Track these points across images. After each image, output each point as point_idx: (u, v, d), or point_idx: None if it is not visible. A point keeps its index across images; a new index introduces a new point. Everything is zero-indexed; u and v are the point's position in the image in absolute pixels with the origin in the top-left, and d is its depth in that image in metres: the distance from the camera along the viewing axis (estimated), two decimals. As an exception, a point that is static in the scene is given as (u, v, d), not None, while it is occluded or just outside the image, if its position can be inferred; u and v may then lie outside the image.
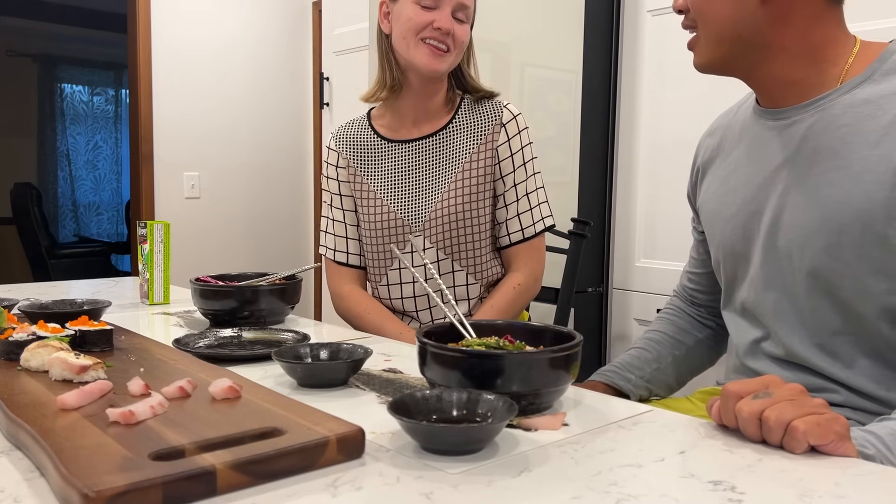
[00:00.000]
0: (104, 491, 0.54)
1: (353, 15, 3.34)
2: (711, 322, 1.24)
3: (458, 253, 1.43)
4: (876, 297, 0.88)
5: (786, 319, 0.97)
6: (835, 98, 0.91)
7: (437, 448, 0.71)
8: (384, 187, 1.46)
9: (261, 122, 3.88)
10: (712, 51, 0.96)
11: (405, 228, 1.44)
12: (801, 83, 0.94)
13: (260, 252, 3.92)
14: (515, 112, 1.44)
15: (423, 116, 1.46)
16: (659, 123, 2.16)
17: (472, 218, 1.42)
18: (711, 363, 1.26)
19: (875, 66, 0.90)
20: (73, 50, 6.65)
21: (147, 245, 1.57)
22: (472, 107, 1.45)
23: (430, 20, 1.34)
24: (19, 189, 5.71)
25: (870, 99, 0.89)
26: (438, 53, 1.36)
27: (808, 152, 0.93)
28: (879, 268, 0.87)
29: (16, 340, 0.96)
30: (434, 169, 1.44)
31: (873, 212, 0.86)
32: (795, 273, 0.94)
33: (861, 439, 0.75)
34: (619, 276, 2.28)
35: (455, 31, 1.36)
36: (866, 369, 0.92)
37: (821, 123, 0.92)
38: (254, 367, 1.04)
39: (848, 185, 0.88)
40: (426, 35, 1.35)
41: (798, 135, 0.94)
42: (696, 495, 0.62)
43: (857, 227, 0.87)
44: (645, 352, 1.19)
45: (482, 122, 1.43)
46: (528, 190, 1.44)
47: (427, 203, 1.43)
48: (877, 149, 0.86)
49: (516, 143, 1.43)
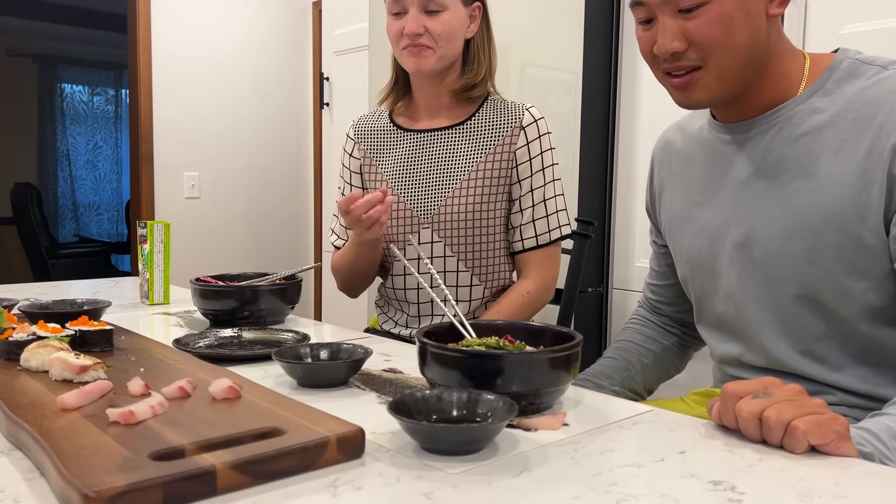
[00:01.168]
0: (104, 491, 0.54)
1: (353, 15, 3.34)
2: (677, 330, 1.26)
3: (464, 253, 1.43)
4: (856, 297, 0.90)
5: (769, 330, 0.98)
6: (792, 108, 0.94)
7: (437, 448, 0.71)
8: (396, 177, 1.47)
9: (261, 122, 3.88)
10: (721, 85, 0.92)
11: (413, 220, 1.44)
12: (765, 97, 0.96)
13: (260, 252, 3.92)
14: (537, 116, 1.43)
15: (440, 110, 1.47)
16: (659, 123, 2.16)
17: (483, 219, 1.41)
18: (679, 369, 1.28)
19: (826, 76, 0.93)
20: (73, 50, 6.65)
21: (147, 245, 1.57)
22: (496, 106, 1.45)
23: (401, 27, 1.38)
24: (19, 189, 5.71)
25: (825, 107, 0.91)
26: (416, 52, 1.38)
27: (772, 163, 0.95)
28: (857, 268, 0.89)
29: (16, 340, 0.96)
30: (447, 162, 1.43)
31: (844, 214, 0.88)
32: (774, 282, 0.96)
33: (857, 437, 0.75)
34: (619, 276, 2.28)
35: (429, 27, 1.37)
36: (854, 371, 0.93)
37: (781, 134, 0.94)
38: (254, 367, 1.04)
39: (816, 191, 0.90)
40: (403, 43, 1.39)
41: (761, 147, 0.96)
42: (696, 495, 0.62)
43: (831, 231, 0.89)
44: (615, 360, 1.20)
45: (502, 123, 1.43)
46: (545, 196, 1.43)
47: (437, 196, 1.43)
48: (839, 154, 0.89)
49: (535, 148, 1.42)
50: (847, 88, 0.91)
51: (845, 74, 0.92)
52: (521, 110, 1.43)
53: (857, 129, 0.89)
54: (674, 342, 1.25)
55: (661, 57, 0.93)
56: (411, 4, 1.37)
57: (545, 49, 2.25)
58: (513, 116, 1.42)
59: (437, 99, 1.46)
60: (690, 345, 1.27)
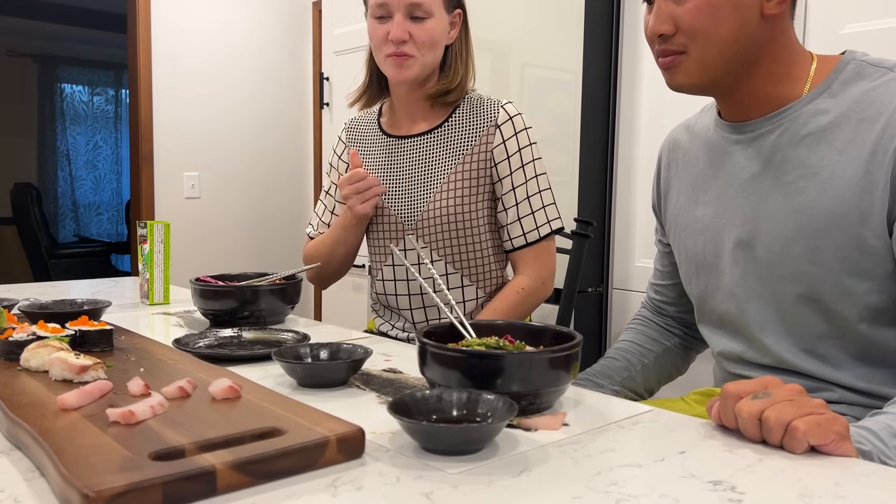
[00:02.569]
0: (104, 491, 0.54)
1: (353, 15, 3.34)
2: (679, 331, 1.26)
3: (451, 255, 1.42)
4: (857, 297, 0.91)
5: (771, 329, 0.98)
6: (798, 109, 0.94)
7: (437, 448, 0.71)
8: (382, 182, 1.46)
9: (260, 122, 3.88)
10: (707, 73, 0.94)
11: (398, 225, 1.44)
12: (770, 97, 0.96)
13: (260, 252, 3.92)
14: (513, 113, 1.40)
15: (420, 115, 1.46)
16: (659, 123, 2.16)
17: (466, 220, 1.40)
18: (680, 371, 1.27)
19: (832, 77, 0.93)
20: (73, 50, 6.65)
21: (147, 245, 1.57)
22: (471, 106, 1.43)
23: (385, 32, 1.36)
24: (19, 189, 5.72)
25: (831, 108, 0.92)
26: (399, 62, 1.36)
27: (777, 162, 0.95)
28: (858, 269, 0.90)
29: (16, 340, 0.96)
30: (427, 167, 1.43)
31: (847, 215, 0.89)
32: (776, 281, 0.96)
33: (856, 435, 0.75)
34: (619, 276, 2.28)
35: (413, 33, 1.35)
36: (855, 369, 0.94)
37: (787, 134, 0.95)
38: (254, 367, 1.04)
39: (819, 191, 0.91)
40: (388, 50, 1.36)
41: (766, 146, 0.97)
42: (696, 495, 0.62)
43: (834, 231, 0.90)
44: (615, 360, 1.20)
45: (477, 123, 1.40)
46: (528, 193, 1.40)
47: (419, 201, 1.42)
48: (843, 154, 0.90)
49: (513, 145, 1.39)
50: (852, 90, 0.91)
51: (851, 76, 0.92)
52: (496, 108, 1.40)
53: (862, 130, 0.89)
54: (676, 343, 1.25)
55: (652, 38, 0.96)
56: (397, 10, 1.35)
57: (545, 49, 2.25)
58: (487, 115, 1.40)
59: (416, 104, 1.45)
60: (693, 346, 1.27)
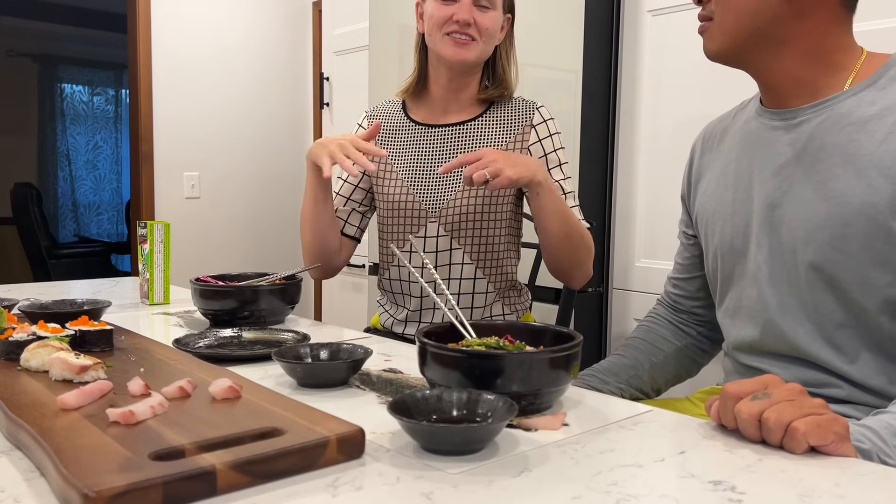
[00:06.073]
0: (104, 491, 0.54)
1: (353, 15, 3.34)
2: (692, 331, 1.24)
3: (470, 246, 1.45)
4: (878, 289, 0.90)
5: (791, 314, 0.98)
6: (842, 99, 0.94)
7: (437, 448, 0.71)
8: (406, 169, 1.49)
9: (261, 122, 3.88)
10: (726, 40, 0.98)
11: (421, 213, 1.45)
12: (811, 84, 0.96)
13: (260, 252, 3.92)
14: (547, 116, 1.47)
15: (455, 106, 1.49)
16: (659, 123, 2.16)
17: (491, 213, 1.44)
18: (690, 374, 1.25)
19: (881, 72, 0.94)
20: (73, 50, 6.65)
21: (147, 245, 1.57)
22: (506, 105, 1.48)
23: (451, 13, 1.39)
24: (19, 189, 5.71)
25: (876, 101, 0.92)
26: (462, 43, 1.40)
27: (814, 149, 0.95)
28: (882, 260, 0.89)
29: (16, 340, 0.96)
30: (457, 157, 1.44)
31: (878, 205, 0.88)
32: (799, 266, 0.96)
33: (856, 433, 0.75)
34: (619, 276, 2.28)
35: (478, 20, 1.39)
36: (870, 362, 0.93)
37: (828, 122, 0.95)
38: (254, 367, 1.04)
39: (853, 179, 0.90)
40: (448, 29, 1.40)
41: (806, 133, 0.97)
42: (696, 495, 0.62)
43: (863, 220, 0.89)
44: (623, 358, 1.20)
45: (514, 121, 1.46)
46: (563, 192, 1.45)
47: (447, 190, 1.44)
48: (883, 145, 0.89)
49: (548, 145, 1.46)
50: None
51: None
52: (532, 109, 1.47)
53: None
54: (688, 343, 1.23)
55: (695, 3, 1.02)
56: None
57: (545, 49, 2.25)
58: (524, 114, 1.47)
59: (454, 93, 1.48)
60: (706, 349, 1.25)
